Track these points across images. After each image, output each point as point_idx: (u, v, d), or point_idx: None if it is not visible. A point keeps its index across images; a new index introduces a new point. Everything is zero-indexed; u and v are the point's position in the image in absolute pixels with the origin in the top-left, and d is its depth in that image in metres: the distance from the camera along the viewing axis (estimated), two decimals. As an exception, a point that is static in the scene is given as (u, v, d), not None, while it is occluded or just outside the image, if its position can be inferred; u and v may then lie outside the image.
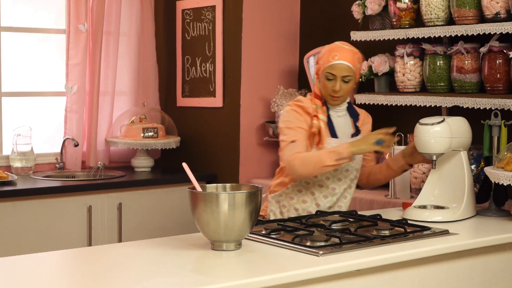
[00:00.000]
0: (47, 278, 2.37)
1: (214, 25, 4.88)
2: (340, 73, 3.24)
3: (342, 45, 3.30)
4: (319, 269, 2.41)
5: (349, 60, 3.25)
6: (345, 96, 3.32)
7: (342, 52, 3.25)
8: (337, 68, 3.24)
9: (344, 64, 3.24)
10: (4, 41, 4.83)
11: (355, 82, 3.32)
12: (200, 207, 2.55)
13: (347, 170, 3.34)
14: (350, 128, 3.39)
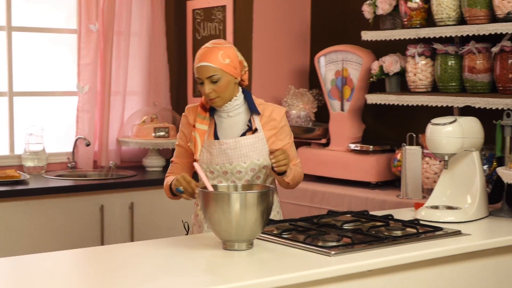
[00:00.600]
0: (59, 277, 2.38)
1: (224, 25, 4.88)
2: (204, 75, 3.04)
3: (207, 45, 3.10)
4: (331, 269, 2.41)
5: (210, 59, 3.03)
6: (223, 96, 3.08)
7: (203, 54, 3.06)
8: (200, 71, 3.04)
9: (204, 66, 3.03)
10: (15, 41, 4.84)
11: (231, 79, 3.06)
12: (212, 207, 2.56)
13: (239, 172, 3.11)
14: (244, 126, 3.16)
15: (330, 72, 4.51)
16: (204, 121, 3.16)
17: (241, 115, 3.17)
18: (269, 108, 3.19)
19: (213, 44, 3.09)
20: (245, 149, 3.11)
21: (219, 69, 3.04)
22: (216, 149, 3.11)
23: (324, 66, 4.54)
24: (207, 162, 3.12)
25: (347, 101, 4.42)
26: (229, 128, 3.16)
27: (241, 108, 3.17)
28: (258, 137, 3.12)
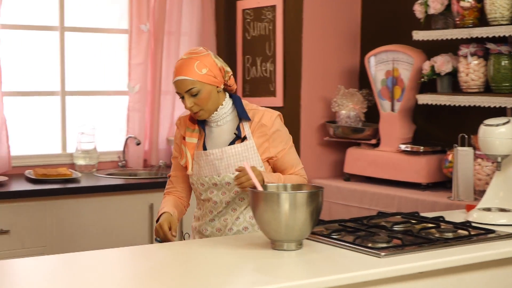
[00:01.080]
0: (109, 274, 2.40)
1: (274, 24, 4.88)
2: (182, 89, 2.90)
3: (183, 56, 2.96)
4: (380, 271, 2.39)
5: (185, 72, 2.89)
6: (207, 108, 2.94)
7: (178, 67, 2.92)
8: (177, 85, 2.92)
9: (180, 80, 2.90)
10: (68, 41, 4.91)
11: (212, 89, 2.92)
12: (261, 207, 2.55)
13: (228, 183, 3.00)
14: (232, 135, 3.02)
15: (380, 72, 4.47)
16: (193, 134, 3.04)
17: (230, 123, 3.03)
18: (259, 113, 3.03)
19: (189, 54, 2.94)
20: (232, 159, 2.98)
21: (196, 81, 2.89)
22: (203, 160, 3.00)
23: (374, 66, 4.50)
24: (197, 174, 3.03)
25: (398, 101, 4.39)
26: (217, 138, 3.03)
27: (230, 116, 3.03)
28: (247, 146, 2.98)
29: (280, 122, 3.07)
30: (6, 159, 4.58)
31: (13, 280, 2.36)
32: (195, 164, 3.03)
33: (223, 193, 3.01)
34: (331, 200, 4.49)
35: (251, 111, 3.03)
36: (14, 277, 2.40)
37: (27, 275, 2.39)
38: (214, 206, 3.05)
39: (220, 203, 3.03)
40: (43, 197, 4.13)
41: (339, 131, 4.63)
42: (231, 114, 3.03)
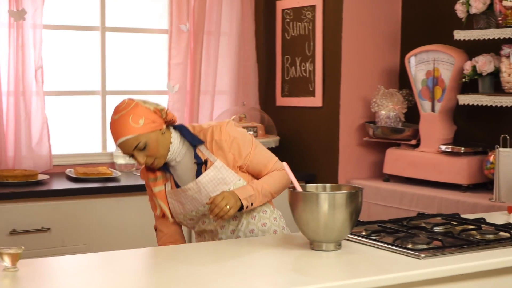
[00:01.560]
0: (148, 273, 2.42)
1: (314, 24, 4.87)
2: (128, 150, 2.80)
3: (113, 116, 2.82)
4: (420, 272, 2.37)
5: (124, 132, 2.77)
6: (159, 155, 2.85)
7: (115, 131, 2.80)
8: (123, 147, 2.81)
9: (123, 141, 2.79)
10: (109, 41, 4.95)
11: (156, 134, 2.82)
12: (300, 207, 2.55)
13: None
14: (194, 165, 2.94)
15: (420, 72, 4.44)
16: (157, 182, 2.97)
17: (187, 153, 2.95)
18: (208, 131, 2.92)
19: (118, 113, 2.81)
20: (210, 186, 2.90)
21: (139, 135, 2.78)
22: (183, 197, 2.94)
23: (415, 66, 4.47)
24: (183, 212, 2.97)
25: (438, 102, 4.35)
26: (184, 173, 2.95)
27: (184, 148, 2.94)
28: (216, 167, 2.90)
29: (231, 129, 2.93)
30: (48, 158, 4.63)
31: (54, 278, 2.38)
32: (176, 203, 2.97)
33: (214, 219, 2.95)
34: (370, 200, 4.47)
35: (200, 133, 2.93)
36: (55, 275, 2.42)
37: (67, 273, 2.41)
38: (212, 234, 3.02)
39: (215, 230, 3.01)
40: (84, 195, 4.17)
41: (379, 132, 4.60)
42: (184, 146, 2.94)
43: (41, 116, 4.58)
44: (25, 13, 4.43)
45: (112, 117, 2.83)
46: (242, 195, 2.84)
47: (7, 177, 4.18)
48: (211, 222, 2.98)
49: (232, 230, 3.00)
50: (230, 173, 2.91)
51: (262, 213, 3.04)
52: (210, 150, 2.91)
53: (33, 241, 4.01)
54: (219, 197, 2.80)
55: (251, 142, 2.97)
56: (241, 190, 2.87)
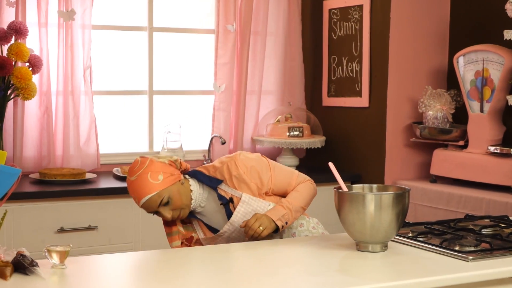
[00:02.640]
0: (194, 272, 2.42)
1: (361, 24, 4.84)
2: (155, 207, 2.78)
3: (130, 177, 2.79)
4: (468, 275, 2.34)
5: (145, 191, 2.75)
6: (184, 206, 2.82)
7: (134, 191, 2.77)
8: (147, 207, 2.78)
9: (146, 201, 2.76)
10: (156, 41, 4.99)
11: (176, 185, 2.79)
12: (346, 208, 2.54)
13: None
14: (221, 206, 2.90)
15: (469, 73, 4.38)
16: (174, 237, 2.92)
17: (210, 197, 2.91)
18: (224, 169, 2.88)
19: (134, 174, 2.78)
20: (247, 217, 2.85)
21: (161, 191, 2.75)
22: (220, 241, 2.90)
23: (463, 66, 4.42)
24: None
25: (487, 102, 4.29)
26: (213, 216, 2.92)
27: (205, 191, 2.90)
28: (245, 201, 2.86)
29: (246, 159, 2.90)
30: (95, 157, 4.68)
31: (101, 276, 2.40)
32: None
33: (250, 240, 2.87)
34: (417, 202, 4.43)
35: (216, 172, 2.90)
36: (102, 273, 2.45)
37: (114, 271, 2.43)
38: None
39: None
40: (130, 194, 4.20)
41: (426, 132, 4.56)
42: (204, 191, 2.90)
43: (89, 116, 4.63)
44: (74, 13, 4.48)
45: (129, 179, 2.80)
46: (275, 217, 2.81)
47: (55, 175, 4.24)
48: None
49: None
50: (259, 202, 2.88)
51: (299, 227, 3.00)
52: (232, 187, 2.87)
53: (80, 239, 4.05)
54: (252, 219, 2.78)
55: (268, 165, 2.93)
56: (273, 212, 2.83)
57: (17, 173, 2.16)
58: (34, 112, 4.50)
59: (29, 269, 2.23)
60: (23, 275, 2.23)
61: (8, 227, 3.88)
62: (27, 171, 4.44)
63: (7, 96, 4.27)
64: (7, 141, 4.43)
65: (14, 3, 4.37)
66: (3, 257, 2.27)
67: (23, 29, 4.26)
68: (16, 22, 4.25)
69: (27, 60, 4.28)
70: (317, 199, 3.13)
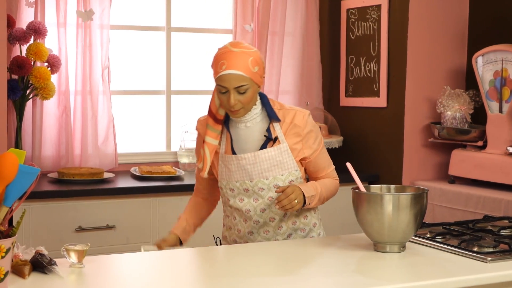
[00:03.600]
0: (211, 272, 2.43)
1: (379, 24, 4.83)
2: (231, 85, 2.72)
3: (232, 48, 2.76)
4: (487, 276, 2.33)
5: (240, 67, 2.72)
6: (247, 106, 2.79)
7: (231, 59, 2.72)
8: (226, 79, 2.72)
9: (234, 74, 2.71)
10: (174, 41, 5.00)
11: (257, 88, 2.79)
12: (364, 208, 2.53)
13: (261, 189, 2.86)
14: (262, 137, 2.86)
15: (488, 73, 4.36)
16: (215, 135, 2.87)
17: (260, 124, 2.87)
18: (290, 113, 2.87)
19: (240, 48, 2.77)
20: (266, 164, 2.83)
21: (248, 79, 2.73)
22: (234, 164, 2.86)
23: (482, 66, 4.39)
24: (226, 179, 2.89)
25: (506, 103, 4.26)
26: (247, 140, 2.87)
27: (260, 117, 2.87)
28: (281, 149, 2.84)
29: (312, 122, 2.92)
30: (113, 157, 4.70)
31: (118, 275, 2.41)
32: (225, 168, 2.89)
33: (255, 199, 2.88)
34: (435, 202, 4.41)
35: (280, 111, 2.88)
36: (119, 272, 2.45)
37: (131, 270, 2.44)
38: (247, 215, 2.90)
39: (254, 212, 2.89)
40: (148, 194, 4.21)
41: (444, 133, 4.54)
42: (260, 115, 2.88)
43: (107, 115, 4.65)
44: (93, 13, 4.50)
45: (230, 48, 2.76)
46: (307, 193, 2.80)
47: (73, 175, 4.25)
48: (250, 202, 2.88)
49: (271, 217, 2.91)
50: (291, 159, 2.86)
51: (303, 218, 2.97)
52: (284, 131, 2.86)
53: (98, 238, 4.07)
54: (290, 189, 2.75)
55: (321, 141, 2.94)
56: (306, 188, 2.82)
57: (36, 172, 2.17)
58: (53, 111, 4.52)
59: (47, 268, 2.24)
60: (42, 274, 2.24)
61: (27, 226, 3.90)
62: (45, 171, 4.46)
63: (26, 96, 4.29)
64: (25, 140, 4.46)
65: (33, 4, 4.39)
66: (22, 256, 2.28)
67: (42, 29, 4.28)
68: (35, 22, 4.28)
69: (45, 60, 4.30)
70: (334, 199, 3.13)
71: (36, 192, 3.92)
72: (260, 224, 2.91)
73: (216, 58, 2.78)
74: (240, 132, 2.88)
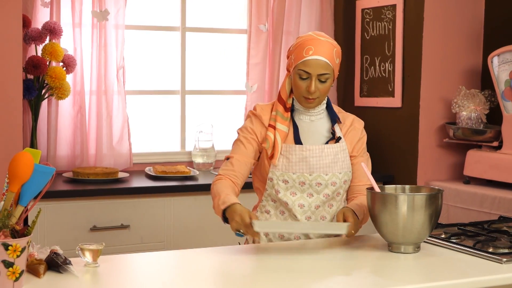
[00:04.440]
0: (226, 271, 2.43)
1: (394, 24, 4.82)
2: (315, 71, 2.74)
3: (318, 36, 2.78)
4: (502, 277, 2.32)
5: (327, 55, 2.74)
6: (321, 98, 2.81)
7: (318, 45, 2.74)
8: (311, 64, 2.73)
9: (320, 60, 2.73)
10: (189, 41, 5.00)
11: (333, 80, 2.82)
12: (379, 208, 2.53)
13: (319, 184, 2.83)
14: (327, 133, 2.89)
15: (504, 73, 4.34)
16: (285, 122, 2.84)
17: (322, 121, 2.89)
18: (349, 117, 2.95)
19: (325, 37, 2.78)
20: (328, 159, 2.83)
21: (331, 68, 2.77)
22: (296, 155, 2.83)
23: (498, 66, 4.37)
24: (282, 169, 2.83)
25: (522, 103, 4.25)
26: (310, 134, 2.87)
27: (323, 114, 2.91)
28: (341, 147, 2.87)
29: (365, 131, 3.00)
30: (128, 156, 4.71)
31: (133, 274, 2.42)
32: (283, 158, 2.83)
33: (309, 194, 2.85)
34: (450, 203, 4.39)
35: (340, 113, 2.94)
36: (134, 271, 2.46)
37: (146, 270, 2.45)
38: (300, 210, 2.85)
39: (308, 207, 2.85)
40: (162, 193, 4.22)
41: (459, 133, 4.52)
42: (324, 112, 2.91)
43: (122, 115, 4.66)
44: (108, 13, 4.51)
45: (317, 36, 2.78)
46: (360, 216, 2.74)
47: (88, 174, 4.27)
48: (303, 197, 2.84)
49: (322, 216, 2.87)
50: (347, 159, 2.89)
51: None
52: (344, 133, 2.90)
53: (113, 237, 4.08)
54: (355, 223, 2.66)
55: (367, 153, 2.97)
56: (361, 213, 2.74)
57: (51, 172, 2.18)
58: (68, 111, 4.54)
59: (62, 267, 2.25)
60: (57, 273, 2.25)
61: (42, 225, 3.91)
62: (60, 170, 4.48)
63: (42, 96, 4.31)
64: (41, 140, 4.48)
65: (49, 4, 4.41)
66: (37, 255, 2.29)
67: (57, 29, 4.30)
68: (51, 22, 4.30)
69: (61, 60, 4.32)
70: (349, 199, 3.11)
71: (51, 192, 3.94)
72: (311, 221, 2.87)
73: (301, 44, 2.78)
74: (303, 125, 2.89)
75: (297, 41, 2.83)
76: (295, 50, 2.80)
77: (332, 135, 2.87)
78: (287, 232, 2.84)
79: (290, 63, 2.83)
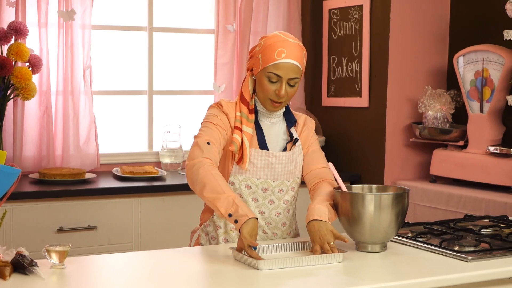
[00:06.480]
0: (195, 272, 2.42)
1: (361, 24, 4.84)
2: (287, 75, 2.65)
3: (288, 38, 2.70)
4: (467, 275, 2.34)
5: (298, 58, 2.67)
6: (287, 101, 2.73)
7: (290, 48, 2.66)
8: (283, 68, 2.64)
9: (292, 64, 2.65)
10: (156, 41, 4.98)
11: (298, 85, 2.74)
12: (346, 208, 2.54)
13: (281, 190, 2.77)
14: (285, 136, 2.80)
15: (469, 73, 4.38)
16: (250, 124, 2.73)
17: (280, 123, 2.81)
18: (301, 117, 2.88)
19: (294, 39, 2.71)
20: (292, 165, 2.77)
21: (301, 72, 2.70)
22: (262, 160, 2.73)
23: (463, 67, 4.42)
24: (246, 174, 2.74)
25: (487, 103, 4.29)
26: (271, 137, 2.79)
27: (281, 116, 2.82)
28: (299, 151, 2.82)
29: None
30: (95, 157, 4.68)
31: (100, 275, 2.40)
32: (248, 162, 2.73)
33: (270, 201, 2.77)
34: (417, 202, 4.43)
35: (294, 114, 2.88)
36: (101, 273, 2.45)
37: (113, 271, 2.43)
38: (261, 217, 2.77)
39: (269, 214, 2.78)
40: (130, 194, 4.20)
41: (426, 132, 4.56)
42: (282, 115, 2.83)
43: (89, 115, 4.63)
44: (74, 13, 4.48)
45: (287, 38, 2.70)
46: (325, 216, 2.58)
47: (55, 175, 4.23)
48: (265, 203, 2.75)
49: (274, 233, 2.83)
50: (302, 158, 2.83)
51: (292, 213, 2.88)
52: (298, 133, 2.82)
53: (80, 239, 4.05)
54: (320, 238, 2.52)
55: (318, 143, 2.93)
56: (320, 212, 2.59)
57: (17, 173, 2.16)
58: (34, 112, 4.50)
59: (28, 269, 2.23)
60: (23, 275, 2.23)
61: (8, 227, 3.88)
62: (26, 171, 4.44)
63: (7, 96, 4.27)
64: (6, 141, 4.43)
65: (14, 3, 4.37)
66: (3, 257, 2.27)
67: (23, 29, 4.26)
68: (16, 22, 4.25)
69: (27, 60, 4.28)
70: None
71: (17, 193, 3.90)
72: (271, 227, 2.81)
73: (272, 45, 2.68)
74: (264, 128, 2.80)
75: (265, 41, 2.72)
76: (264, 51, 2.68)
77: (291, 137, 2.81)
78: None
79: (256, 64, 2.71)
